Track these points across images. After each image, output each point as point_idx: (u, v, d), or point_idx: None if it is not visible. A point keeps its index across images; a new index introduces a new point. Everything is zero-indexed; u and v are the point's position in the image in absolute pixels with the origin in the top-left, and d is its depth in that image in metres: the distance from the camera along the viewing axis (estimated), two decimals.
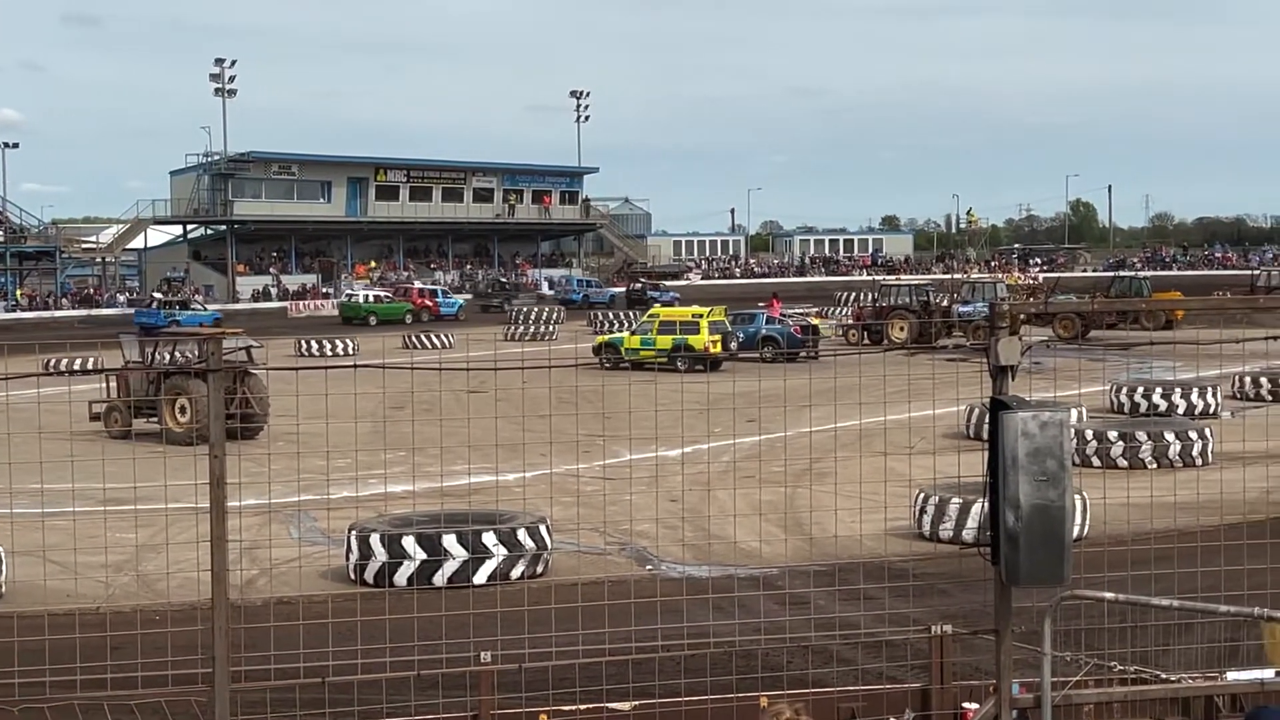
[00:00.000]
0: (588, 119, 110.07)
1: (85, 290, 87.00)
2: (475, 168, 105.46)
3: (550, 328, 55.02)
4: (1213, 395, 28.14)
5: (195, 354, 26.55)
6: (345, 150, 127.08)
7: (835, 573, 13.90)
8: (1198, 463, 21.60)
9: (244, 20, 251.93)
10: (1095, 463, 21.41)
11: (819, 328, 46.19)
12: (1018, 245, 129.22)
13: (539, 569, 15.25)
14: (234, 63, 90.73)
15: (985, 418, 7.05)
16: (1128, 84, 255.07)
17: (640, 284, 78.61)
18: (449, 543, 14.81)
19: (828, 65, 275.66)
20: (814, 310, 58.62)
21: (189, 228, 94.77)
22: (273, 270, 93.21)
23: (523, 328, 54.76)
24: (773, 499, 18.38)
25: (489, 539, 14.96)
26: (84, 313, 78.16)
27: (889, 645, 11.01)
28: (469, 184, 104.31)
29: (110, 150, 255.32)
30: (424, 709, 8.15)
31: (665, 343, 39.29)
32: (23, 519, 15.30)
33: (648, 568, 15.77)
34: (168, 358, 28.16)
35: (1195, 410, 27.37)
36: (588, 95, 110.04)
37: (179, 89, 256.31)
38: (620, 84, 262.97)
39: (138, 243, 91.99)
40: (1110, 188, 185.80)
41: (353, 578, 15.03)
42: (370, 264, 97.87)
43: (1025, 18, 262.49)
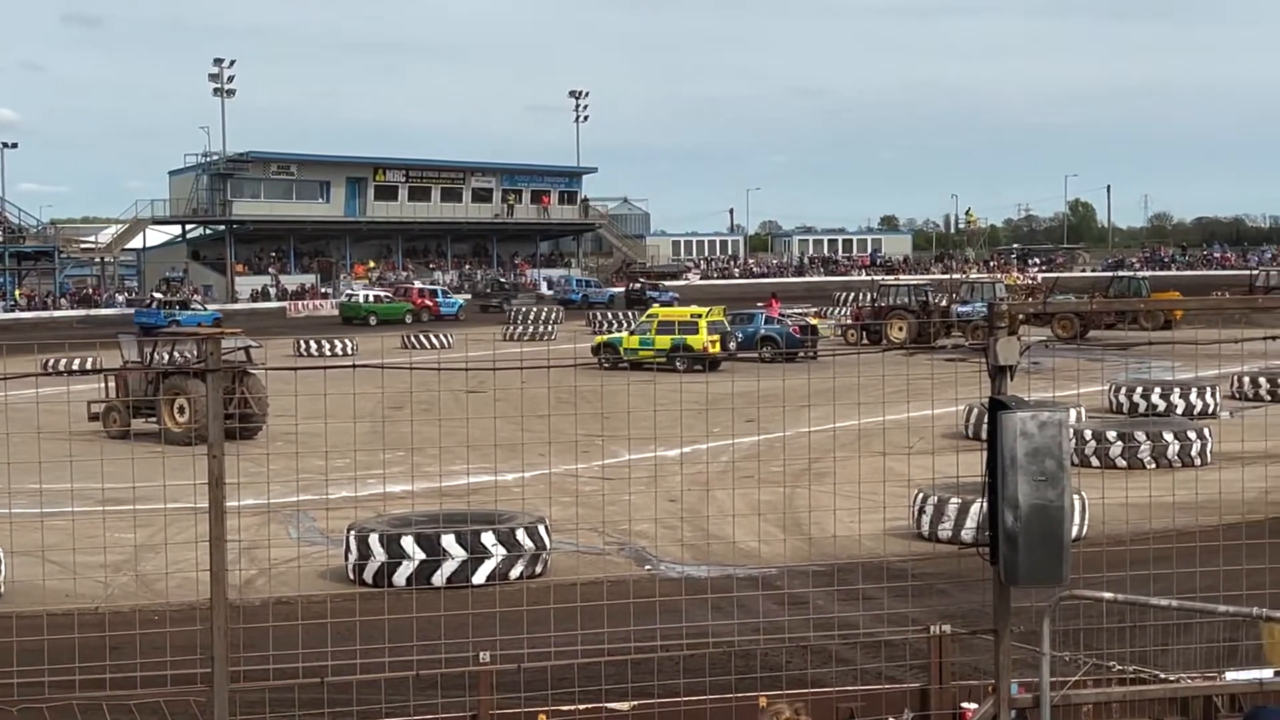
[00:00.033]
0: (587, 119, 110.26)
1: (84, 290, 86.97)
2: (474, 168, 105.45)
3: (549, 328, 54.98)
4: (1211, 395, 28.15)
5: (194, 354, 26.56)
6: (344, 150, 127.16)
7: (834, 573, 13.90)
8: (1196, 463, 21.60)
9: (243, 20, 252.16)
10: (1094, 463, 21.43)
11: (818, 328, 46.19)
12: (1016, 245, 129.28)
13: (538, 569, 15.25)
14: (233, 63, 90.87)
15: (984, 418, 7.05)
16: (1127, 84, 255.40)
17: (640, 284, 78.35)
18: (448, 543, 14.81)
19: (826, 65, 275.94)
20: (813, 310, 58.59)
21: (188, 228, 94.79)
22: (271, 270, 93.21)
23: (521, 328, 54.68)
24: (771, 499, 18.38)
25: (488, 539, 14.96)
26: (83, 313, 78.12)
27: (888, 645, 11.00)
28: (468, 184, 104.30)
29: (109, 150, 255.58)
30: (423, 709, 8.15)
31: (664, 343, 39.29)
32: (22, 519, 15.29)
33: (646, 568, 15.77)
34: (166, 358, 28.16)
35: (1194, 410, 27.36)
36: (586, 95, 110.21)
37: (178, 89, 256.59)
38: (619, 84, 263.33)
39: (136, 243, 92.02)
40: (1109, 188, 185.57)
41: (351, 578, 15.03)
42: (369, 264, 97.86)
43: (1024, 18, 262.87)
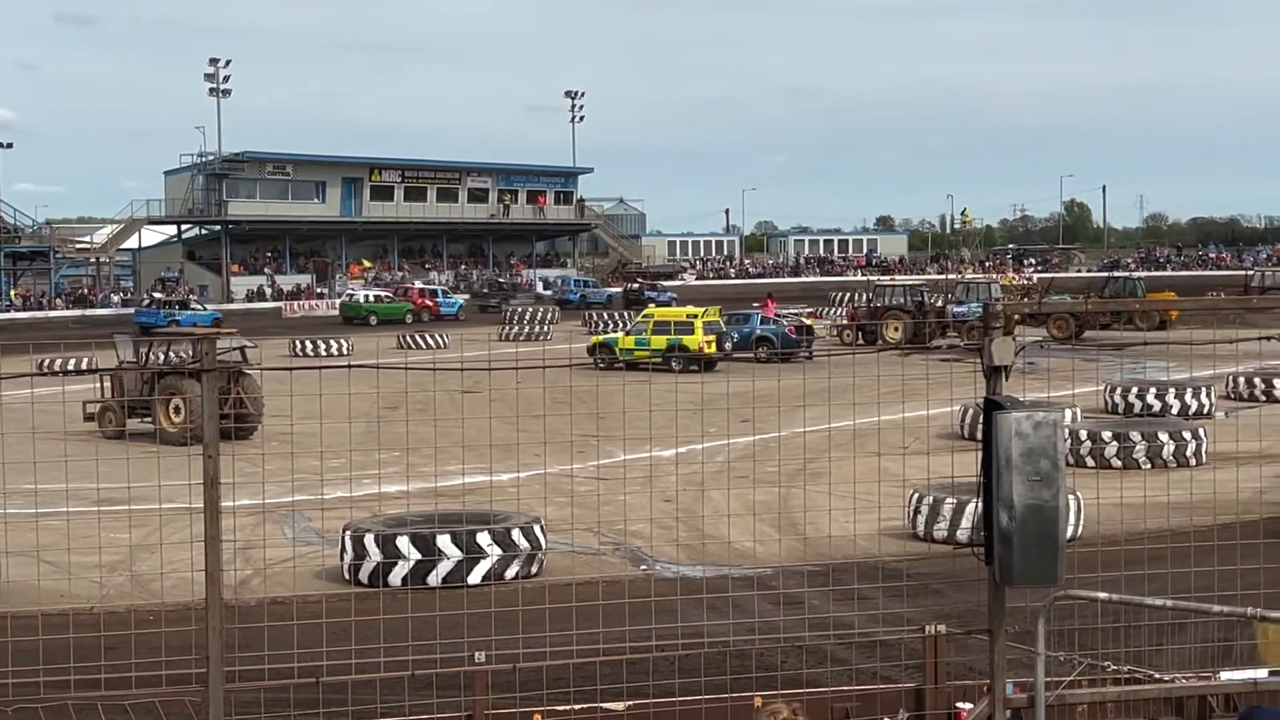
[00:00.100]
0: (583, 119, 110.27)
1: (79, 290, 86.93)
2: (470, 168, 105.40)
3: (545, 328, 54.92)
4: (1206, 396, 28.17)
5: (189, 354, 26.56)
6: (340, 150, 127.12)
7: (829, 573, 13.90)
8: (1191, 463, 21.62)
9: (239, 20, 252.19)
10: (1089, 463, 21.45)
11: (813, 328, 46.20)
12: (1012, 245, 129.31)
13: (533, 569, 15.24)
14: (228, 63, 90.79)
15: (979, 418, 7.06)
16: (1123, 85, 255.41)
17: (638, 284, 78.09)
18: (443, 543, 14.80)
19: (822, 66, 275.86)
20: (808, 310, 58.60)
21: (183, 228, 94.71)
22: (267, 270, 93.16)
23: (517, 328, 54.62)
24: (767, 499, 18.40)
25: (483, 539, 14.96)
26: (78, 313, 78.06)
27: (883, 645, 11.00)
28: (464, 184, 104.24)
29: (105, 150, 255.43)
30: (418, 709, 8.15)
31: (660, 343, 39.29)
32: (17, 519, 15.27)
33: (642, 568, 15.77)
34: (162, 358, 28.15)
35: (1189, 410, 27.38)
36: (582, 95, 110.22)
37: (174, 89, 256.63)
38: (616, 84, 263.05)
39: (132, 243, 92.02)
40: (1105, 188, 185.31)
41: (347, 578, 15.02)
42: (364, 264, 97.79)
43: (1021, 18, 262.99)
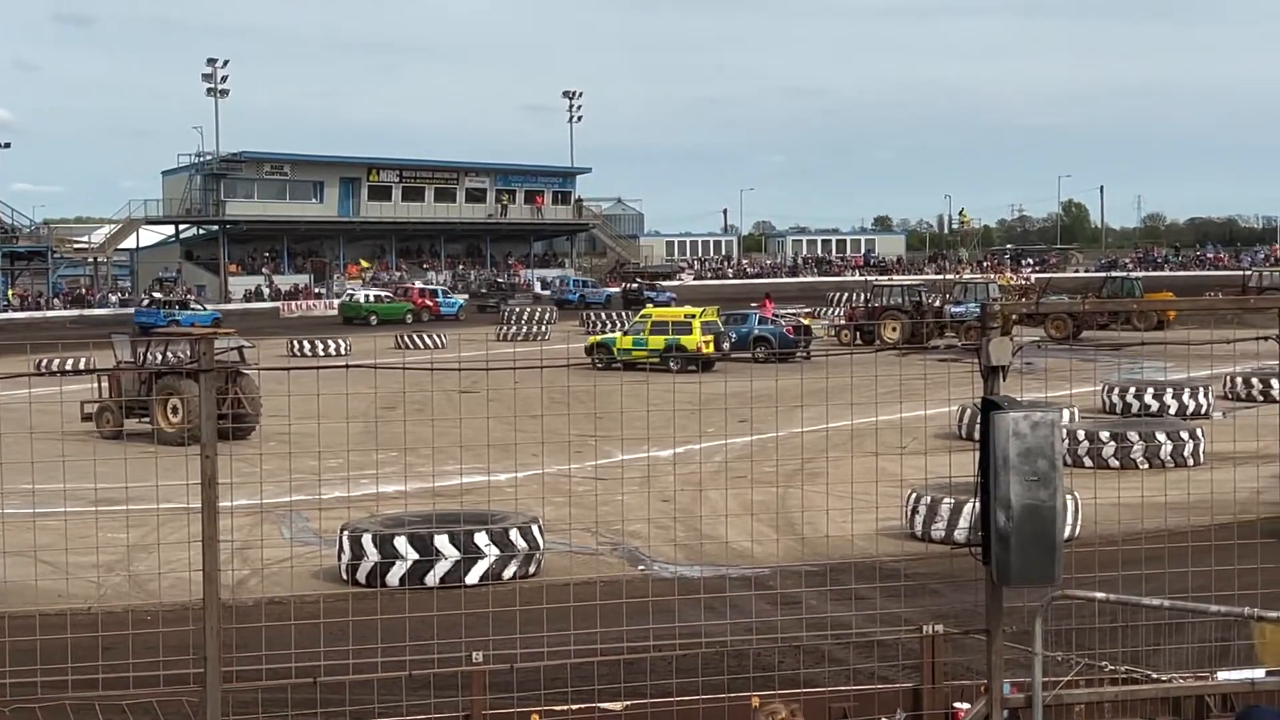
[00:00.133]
0: (580, 119, 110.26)
1: (77, 290, 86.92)
2: (468, 168, 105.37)
3: (543, 328, 54.90)
4: (1204, 396, 28.18)
5: (187, 354, 26.55)
6: (339, 150, 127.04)
7: (827, 573, 13.90)
8: (1189, 463, 21.62)
9: (237, 20, 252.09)
10: (1087, 463, 21.46)
11: (811, 328, 46.20)
12: (1010, 246, 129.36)
13: (531, 569, 15.24)
14: (226, 63, 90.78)
15: (977, 418, 7.06)
16: (1120, 85, 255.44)
17: (637, 284, 77.89)
18: (441, 543, 14.80)
19: (820, 66, 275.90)
20: (806, 311, 58.59)
21: (181, 228, 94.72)
22: (265, 270, 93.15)
23: (515, 328, 54.59)
24: (765, 499, 18.41)
25: (481, 539, 14.96)
26: (76, 313, 78.04)
27: (880, 645, 11.00)
28: (461, 184, 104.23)
29: (103, 150, 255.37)
30: (416, 709, 8.15)
31: (658, 343, 39.28)
32: (14, 519, 15.25)
33: (640, 568, 15.77)
34: (160, 358, 28.13)
35: (1187, 411, 27.41)
36: (580, 95, 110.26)
37: (172, 89, 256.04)
38: (614, 84, 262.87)
39: (130, 243, 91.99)
40: (1102, 188, 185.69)
41: (345, 578, 15.02)
42: (362, 264, 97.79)
43: (1018, 18, 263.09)
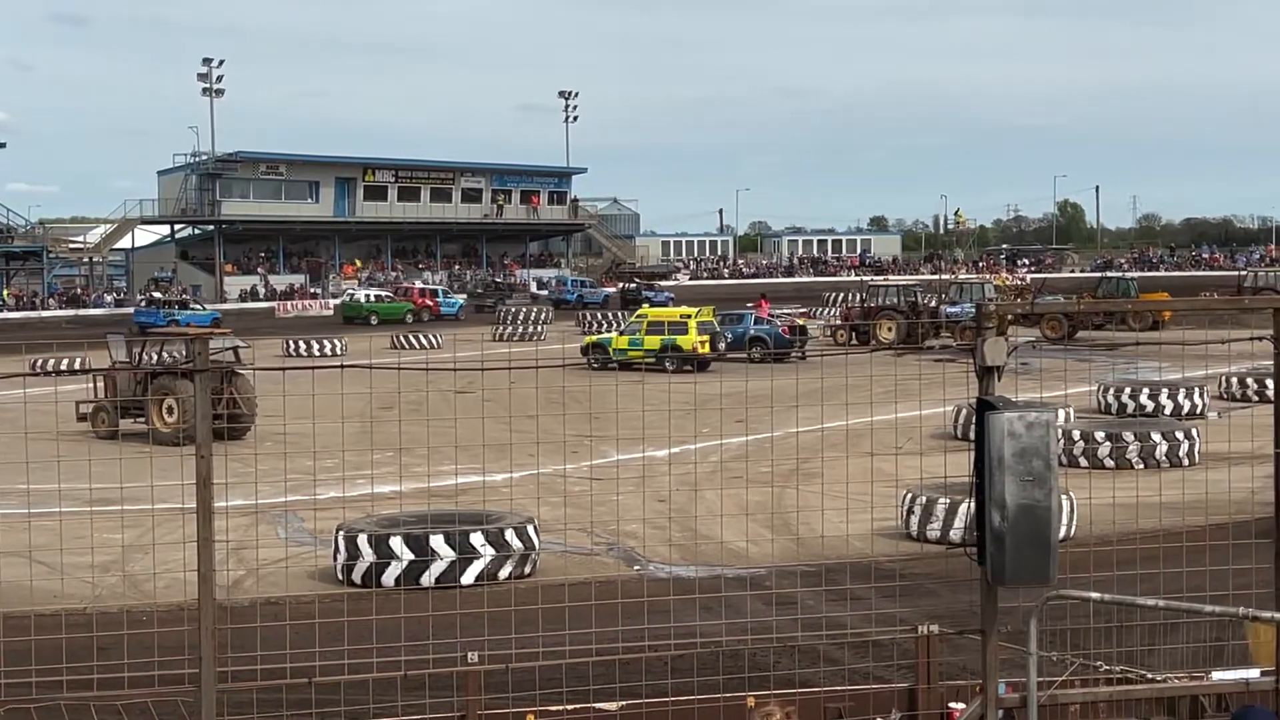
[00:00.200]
0: (576, 119, 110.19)
1: (72, 290, 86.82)
2: (463, 168, 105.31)
3: (538, 328, 54.89)
4: (1199, 396, 28.21)
5: (182, 354, 26.51)
6: (334, 150, 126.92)
7: (822, 573, 13.91)
8: (1184, 463, 21.64)
9: (233, 20, 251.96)
10: (1082, 463, 21.47)
11: (807, 328, 46.20)
12: (1005, 246, 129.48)
13: (526, 569, 15.24)
14: (221, 63, 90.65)
15: (972, 418, 7.06)
16: (1116, 85, 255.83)
17: (634, 284, 77.75)
18: (436, 543, 14.80)
19: (816, 66, 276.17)
20: (802, 311, 58.58)
21: (176, 228, 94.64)
22: (260, 270, 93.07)
23: (511, 328, 54.58)
24: (760, 499, 18.41)
25: (476, 539, 14.95)
26: (71, 313, 77.95)
27: (876, 645, 11.02)
28: (457, 184, 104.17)
29: (98, 150, 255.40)
30: (411, 709, 8.14)
31: (653, 343, 39.29)
32: (9, 519, 15.26)
33: (635, 568, 15.77)
34: (155, 358, 28.11)
35: (1182, 411, 27.42)
36: (576, 95, 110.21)
37: (167, 89, 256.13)
38: (609, 84, 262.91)
39: (125, 243, 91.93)
40: (1098, 188, 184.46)
41: (340, 578, 15.02)
42: (357, 264, 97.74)
43: (1013, 19, 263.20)
